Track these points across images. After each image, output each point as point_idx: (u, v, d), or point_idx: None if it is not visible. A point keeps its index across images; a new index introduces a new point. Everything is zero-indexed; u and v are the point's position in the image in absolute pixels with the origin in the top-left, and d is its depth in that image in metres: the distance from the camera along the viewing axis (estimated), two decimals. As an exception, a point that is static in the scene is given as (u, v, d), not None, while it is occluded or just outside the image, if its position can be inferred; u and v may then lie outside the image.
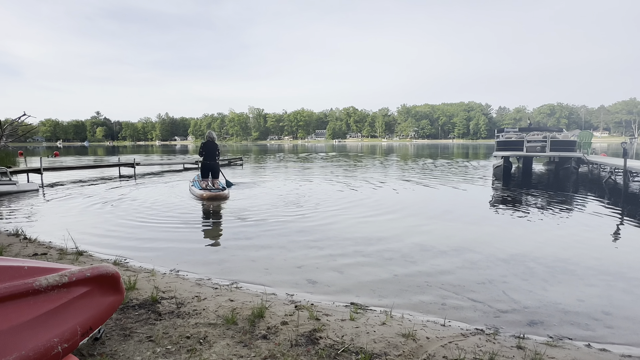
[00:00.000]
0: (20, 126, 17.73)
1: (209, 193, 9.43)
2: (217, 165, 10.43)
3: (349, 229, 6.33)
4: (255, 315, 2.87)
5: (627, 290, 3.85)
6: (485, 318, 3.24)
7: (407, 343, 2.58)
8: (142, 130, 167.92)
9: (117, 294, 2.20)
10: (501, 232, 6.28)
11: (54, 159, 27.58)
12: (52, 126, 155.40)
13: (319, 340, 2.55)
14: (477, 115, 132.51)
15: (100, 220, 7.13)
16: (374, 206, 8.44)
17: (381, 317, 3.06)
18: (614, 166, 12.46)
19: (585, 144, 17.74)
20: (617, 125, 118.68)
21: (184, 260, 4.74)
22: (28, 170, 13.56)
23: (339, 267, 4.51)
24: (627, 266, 4.56)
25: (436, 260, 4.75)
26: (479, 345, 2.62)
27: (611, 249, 5.40)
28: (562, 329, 3.06)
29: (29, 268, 1.93)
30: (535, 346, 2.64)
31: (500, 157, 15.56)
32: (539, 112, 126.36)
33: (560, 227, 6.59)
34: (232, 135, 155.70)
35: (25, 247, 4.92)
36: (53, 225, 6.72)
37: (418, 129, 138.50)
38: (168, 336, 2.52)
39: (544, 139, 15.31)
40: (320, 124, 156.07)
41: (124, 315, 2.84)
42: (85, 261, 4.37)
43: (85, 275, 2.01)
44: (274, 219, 7.10)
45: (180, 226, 6.63)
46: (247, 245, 5.39)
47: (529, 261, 4.69)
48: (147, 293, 3.31)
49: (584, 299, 3.62)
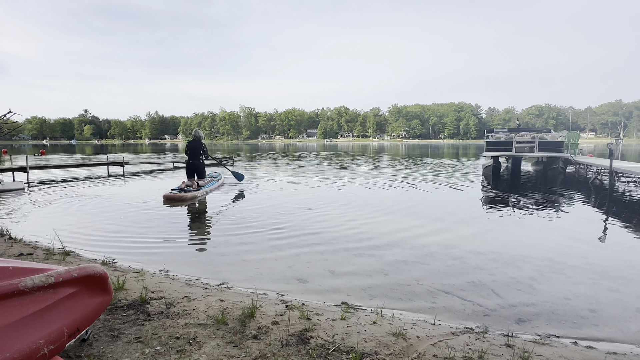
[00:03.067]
0: (6, 124, 17.36)
1: (167, 194, 8.86)
2: (201, 165, 10.05)
3: (339, 229, 6.33)
4: (245, 315, 2.86)
5: (612, 288, 3.92)
6: (474, 317, 3.28)
7: (397, 342, 2.59)
8: (131, 128, 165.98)
9: (105, 294, 2.17)
10: (490, 231, 6.35)
11: (39, 157, 27.11)
12: (38, 124, 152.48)
13: (310, 340, 2.55)
14: (467, 116, 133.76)
15: (88, 219, 7.03)
16: (364, 206, 8.47)
17: (372, 317, 3.07)
18: (600, 167, 12.69)
19: (572, 145, 18.03)
20: (604, 126, 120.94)
21: (174, 260, 4.69)
22: (13, 168, 13.30)
23: (330, 266, 4.51)
24: (612, 265, 4.64)
25: (426, 259, 4.79)
26: (468, 344, 2.64)
27: (597, 248, 5.50)
28: (549, 327, 3.10)
29: (14, 268, 1.89)
30: (524, 344, 2.68)
31: (490, 157, 15.74)
32: (527, 113, 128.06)
33: (548, 226, 6.68)
34: (223, 134, 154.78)
35: (11, 247, 4.82)
36: (39, 224, 6.60)
37: (409, 129, 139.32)
38: (157, 337, 2.49)
39: (532, 140, 15.53)
40: (312, 123, 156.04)
41: (112, 316, 2.80)
42: (73, 261, 4.30)
43: (72, 275, 1.98)
44: (264, 218, 7.07)
45: (170, 226, 6.56)
46: (237, 245, 5.36)
47: (517, 260, 4.76)
48: (135, 293, 3.27)
49: (570, 298, 3.68)
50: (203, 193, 9.51)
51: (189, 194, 8.95)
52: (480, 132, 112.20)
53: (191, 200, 8.79)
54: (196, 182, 9.81)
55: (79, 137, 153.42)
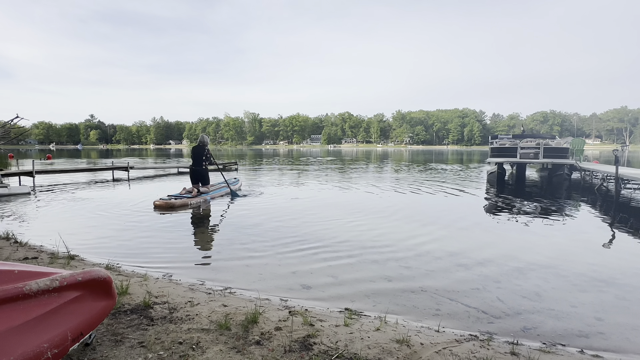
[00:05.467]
0: (13, 128, 17.55)
1: (160, 201, 8.56)
2: (204, 171, 9.79)
3: (343, 234, 6.32)
4: (248, 320, 2.85)
5: (619, 296, 3.88)
6: (479, 324, 3.25)
7: (401, 349, 2.57)
8: (136, 133, 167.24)
9: (109, 298, 2.18)
10: (495, 238, 6.31)
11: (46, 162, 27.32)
12: (45, 129, 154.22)
13: (313, 346, 2.53)
14: (471, 122, 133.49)
15: (93, 224, 7.06)
16: (368, 211, 8.45)
17: (375, 323, 3.05)
18: (606, 173, 12.59)
19: (577, 151, 17.93)
20: (609, 132, 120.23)
21: (177, 265, 4.70)
22: (20, 173, 13.42)
23: (333, 272, 4.50)
24: (619, 272, 4.59)
25: (430, 265, 4.76)
26: (473, 352, 2.62)
27: (603, 255, 5.44)
28: (555, 335, 3.07)
29: (19, 272, 1.91)
30: (529, 352, 2.65)
31: (494, 163, 15.66)
32: (532, 119, 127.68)
33: (553, 233, 6.63)
34: (228, 139, 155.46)
35: (16, 250, 4.85)
36: (44, 228, 6.64)
37: (413, 135, 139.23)
38: (160, 342, 2.49)
39: (537, 146, 15.45)
40: (316, 129, 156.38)
41: (115, 320, 2.81)
42: (77, 265, 4.32)
43: (77, 279, 1.99)
44: (268, 224, 7.07)
45: (175, 231, 6.58)
46: (241, 250, 5.36)
47: (522, 267, 4.71)
48: (139, 298, 3.28)
49: (576, 305, 3.64)
50: (199, 200, 9.20)
51: (178, 201, 8.66)
52: (485, 139, 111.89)
53: (182, 208, 8.54)
54: (199, 188, 9.60)
55: (85, 142, 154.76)
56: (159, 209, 8.38)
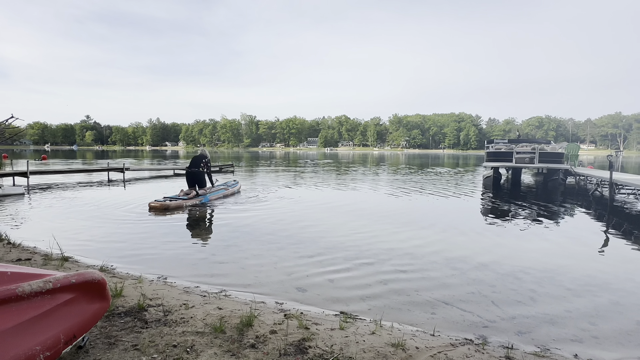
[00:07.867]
0: (7, 129, 17.43)
1: (155, 203, 8.56)
2: (201, 174, 10.00)
3: (339, 238, 6.32)
4: (243, 323, 2.84)
5: (613, 301, 3.90)
6: (474, 328, 3.25)
7: (396, 353, 2.57)
8: (132, 135, 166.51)
9: (103, 301, 2.16)
10: (490, 242, 6.33)
11: (41, 162, 27.14)
12: (40, 129, 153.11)
13: (308, 350, 2.52)
14: (467, 126, 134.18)
15: (87, 225, 7.02)
16: (364, 215, 8.46)
17: (371, 327, 3.05)
18: (600, 178, 12.68)
19: (572, 156, 18.05)
20: (603, 138, 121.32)
21: (172, 267, 4.67)
22: (14, 173, 13.33)
23: (329, 275, 4.49)
24: (613, 277, 4.62)
25: (426, 269, 4.77)
26: (467, 356, 2.62)
27: (597, 260, 5.47)
28: (549, 340, 3.08)
29: (12, 274, 1.89)
30: (524, 356, 2.66)
31: (490, 167, 15.75)
32: (527, 124, 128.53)
33: (548, 238, 6.66)
34: (224, 141, 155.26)
35: (9, 252, 4.80)
36: (38, 229, 6.59)
37: (409, 139, 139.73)
38: (154, 345, 2.47)
39: (532, 151, 15.56)
40: (313, 131, 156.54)
41: (109, 323, 2.78)
42: (71, 267, 4.28)
43: (70, 281, 1.97)
44: (264, 226, 7.06)
45: (170, 233, 6.55)
46: (236, 253, 5.34)
47: (517, 272, 4.73)
48: (133, 300, 3.25)
49: (571, 310, 3.65)
50: (195, 202, 9.28)
51: (173, 202, 8.68)
52: (481, 143, 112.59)
53: (177, 210, 8.56)
54: (196, 190, 9.69)
55: (81, 142, 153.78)
56: (155, 211, 8.37)
